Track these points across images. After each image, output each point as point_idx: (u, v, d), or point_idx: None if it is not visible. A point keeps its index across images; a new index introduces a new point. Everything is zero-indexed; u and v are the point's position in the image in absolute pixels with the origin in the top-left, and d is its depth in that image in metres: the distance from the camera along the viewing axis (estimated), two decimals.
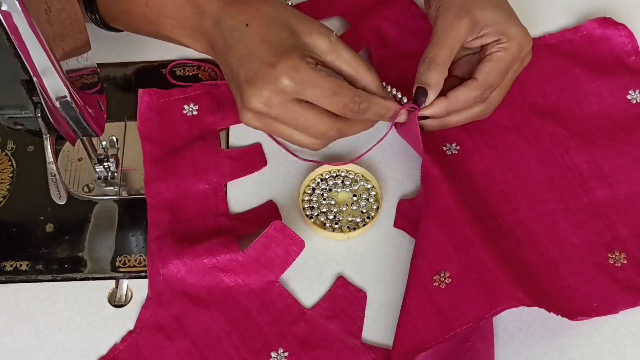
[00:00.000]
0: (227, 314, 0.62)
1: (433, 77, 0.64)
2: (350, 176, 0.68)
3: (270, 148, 0.71)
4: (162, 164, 0.69)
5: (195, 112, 0.72)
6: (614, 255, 0.64)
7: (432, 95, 0.64)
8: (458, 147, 0.70)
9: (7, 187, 0.69)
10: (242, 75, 0.61)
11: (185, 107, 0.72)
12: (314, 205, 0.67)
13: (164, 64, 0.76)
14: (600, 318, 0.61)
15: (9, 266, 0.65)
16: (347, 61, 0.62)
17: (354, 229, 0.66)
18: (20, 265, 0.65)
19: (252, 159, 0.70)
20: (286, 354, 0.60)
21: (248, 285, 0.63)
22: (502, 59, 0.65)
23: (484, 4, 0.65)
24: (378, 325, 0.62)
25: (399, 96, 0.67)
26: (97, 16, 0.70)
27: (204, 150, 0.70)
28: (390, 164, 0.70)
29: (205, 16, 0.64)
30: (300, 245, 0.63)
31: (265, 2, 0.63)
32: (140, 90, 0.72)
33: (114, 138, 0.69)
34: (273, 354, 0.60)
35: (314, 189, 0.68)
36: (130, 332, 0.61)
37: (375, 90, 0.64)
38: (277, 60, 0.59)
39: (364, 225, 0.66)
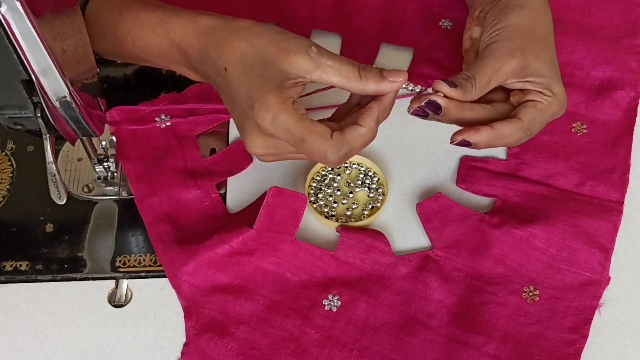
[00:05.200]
0: (265, 288, 0.63)
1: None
2: (354, 167, 0.69)
3: None
4: (148, 179, 0.68)
5: (168, 123, 0.71)
6: None
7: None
8: None
9: (7, 187, 0.69)
10: (235, 120, 0.60)
11: (157, 119, 0.71)
12: (320, 195, 0.68)
13: None
14: (599, 318, 0.61)
15: (8, 266, 0.65)
16: (335, 72, 0.58)
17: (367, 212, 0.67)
18: (20, 265, 0.65)
19: (236, 158, 0.70)
20: (337, 297, 0.62)
21: (271, 255, 0.63)
22: (545, 112, 0.62)
23: (540, 53, 0.62)
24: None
25: (417, 90, 0.61)
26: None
27: (186, 158, 0.69)
28: (395, 159, 0.71)
29: (191, 58, 0.62)
30: (303, 201, 0.64)
31: (241, 36, 0.59)
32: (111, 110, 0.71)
33: (114, 138, 0.69)
34: (325, 302, 0.62)
35: (322, 178, 0.69)
36: (185, 346, 0.61)
37: (374, 90, 0.58)
38: (253, 103, 0.56)
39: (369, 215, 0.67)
